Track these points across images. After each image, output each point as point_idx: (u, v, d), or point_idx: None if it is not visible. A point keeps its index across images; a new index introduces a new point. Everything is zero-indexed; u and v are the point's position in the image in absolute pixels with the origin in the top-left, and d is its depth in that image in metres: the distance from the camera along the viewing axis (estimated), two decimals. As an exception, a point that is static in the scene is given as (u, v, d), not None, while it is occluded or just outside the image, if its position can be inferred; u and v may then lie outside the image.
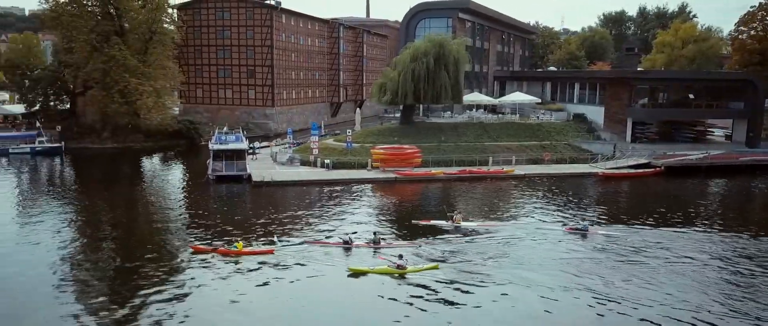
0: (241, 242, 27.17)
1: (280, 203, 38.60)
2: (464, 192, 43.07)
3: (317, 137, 50.93)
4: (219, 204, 38.73)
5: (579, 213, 36.40)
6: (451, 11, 66.57)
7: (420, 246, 28.52)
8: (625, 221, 34.27)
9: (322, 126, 67.28)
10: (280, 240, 28.48)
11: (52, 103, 64.23)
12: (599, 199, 41.23)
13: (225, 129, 51.62)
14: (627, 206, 40.25)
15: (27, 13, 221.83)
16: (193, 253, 26.99)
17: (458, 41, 57.76)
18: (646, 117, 59.39)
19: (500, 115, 65.23)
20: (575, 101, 66.04)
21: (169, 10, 66.38)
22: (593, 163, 52.04)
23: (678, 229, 32.53)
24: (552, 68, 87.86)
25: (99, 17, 58.95)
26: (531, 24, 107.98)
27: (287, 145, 55.35)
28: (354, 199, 39.52)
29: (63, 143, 56.57)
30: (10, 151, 54.36)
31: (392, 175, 46.14)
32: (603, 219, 35.03)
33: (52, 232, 30.42)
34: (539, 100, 66.36)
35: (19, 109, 65.45)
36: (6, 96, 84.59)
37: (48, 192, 41.65)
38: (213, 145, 46.59)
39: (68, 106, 65.77)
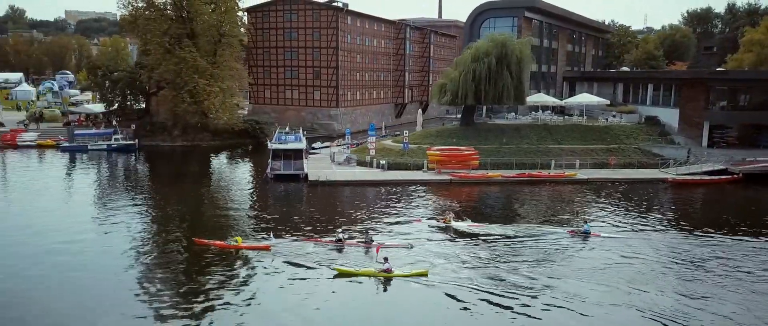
0: (239, 237, 27.93)
1: (331, 202, 39.04)
2: (519, 195, 41.80)
3: (374, 138, 51.01)
4: (274, 202, 39.72)
5: (639, 220, 34.51)
6: (517, 10, 64.96)
7: (411, 247, 27.86)
8: (682, 228, 32.36)
9: (384, 127, 67.43)
10: (275, 237, 28.75)
11: (128, 103, 67.70)
12: (663, 206, 38.95)
13: (286, 129, 52.61)
14: (690, 213, 37.73)
15: (119, 18, 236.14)
16: (195, 245, 27.90)
17: (522, 41, 56.33)
18: (725, 120, 55.58)
19: (566, 117, 63.07)
20: (648, 103, 62.86)
21: (239, 13, 68.77)
22: (664, 168, 49.29)
23: (737, 239, 30.34)
24: (625, 68, 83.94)
25: (172, 20, 61.47)
26: (605, 23, 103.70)
27: (346, 146, 55.77)
28: (404, 200, 39.17)
29: (136, 140, 59.50)
30: (89, 147, 57.73)
31: (447, 177, 45.52)
32: (660, 226, 33.15)
33: (123, 222, 32.65)
34: (608, 102, 63.56)
35: (99, 108, 69.50)
36: (89, 96, 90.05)
37: (121, 186, 44.45)
38: (272, 145, 47.60)
39: (143, 105, 69.15)
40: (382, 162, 47.90)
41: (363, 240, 28.29)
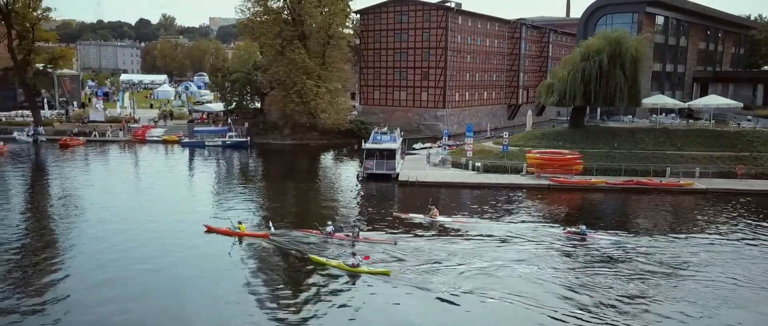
0: (243, 225, 29.35)
1: (415, 203, 38.18)
2: (620, 204, 38.95)
3: (471, 139, 49.80)
4: (363, 200, 40.33)
5: (736, 232, 30.91)
6: (637, 5, 60.20)
7: (396, 243, 27.70)
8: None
9: (489, 128, 65.70)
10: (274, 226, 29.53)
11: (245, 102, 71.69)
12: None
13: (384, 129, 52.89)
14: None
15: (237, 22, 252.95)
16: (206, 232, 29.65)
17: (638, 39, 52.10)
18: None
19: (690, 121, 57.49)
20: (793, 106, 55.76)
21: (351, 15, 70.28)
22: (803, 179, 43.36)
23: None
24: (767, 68, 75.07)
25: (284, 23, 64.11)
26: (751, 17, 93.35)
27: (444, 147, 54.93)
28: (488, 204, 37.58)
29: (249, 138, 62.80)
30: (206, 143, 61.92)
31: (545, 182, 43.22)
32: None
33: (229, 209, 34.81)
34: (742, 104, 57.02)
35: (219, 107, 74.32)
36: (212, 96, 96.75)
37: (234, 180, 47.54)
38: (366, 144, 48.01)
39: (258, 104, 72.91)
40: (477, 164, 46.55)
41: (350, 233, 28.83)
